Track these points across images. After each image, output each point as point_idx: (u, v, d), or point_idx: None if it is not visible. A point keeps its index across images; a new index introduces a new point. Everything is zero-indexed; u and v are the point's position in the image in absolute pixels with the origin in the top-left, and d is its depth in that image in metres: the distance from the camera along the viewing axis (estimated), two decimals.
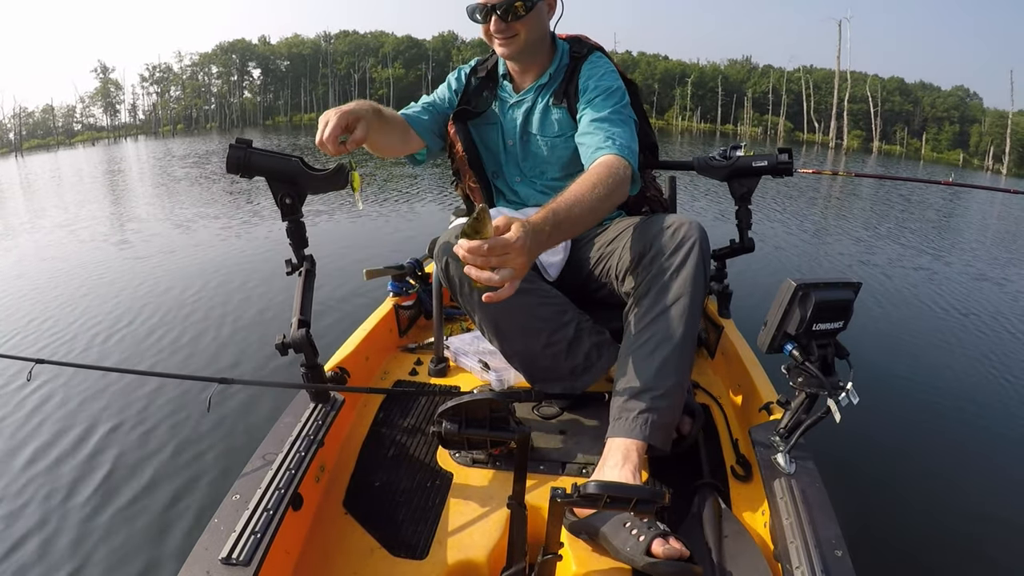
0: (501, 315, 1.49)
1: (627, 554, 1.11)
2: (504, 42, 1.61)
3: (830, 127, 53.35)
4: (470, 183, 1.84)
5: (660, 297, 1.36)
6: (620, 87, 1.65)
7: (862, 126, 56.57)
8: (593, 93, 1.62)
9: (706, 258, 1.39)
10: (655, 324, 1.35)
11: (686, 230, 1.39)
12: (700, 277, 1.36)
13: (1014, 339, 4.10)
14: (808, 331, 1.24)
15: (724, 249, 2.16)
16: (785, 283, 1.25)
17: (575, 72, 1.69)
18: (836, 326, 1.27)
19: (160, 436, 2.54)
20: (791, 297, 1.23)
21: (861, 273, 5.63)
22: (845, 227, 8.20)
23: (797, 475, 1.27)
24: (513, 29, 1.59)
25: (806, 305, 1.22)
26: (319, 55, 69.46)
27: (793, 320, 1.25)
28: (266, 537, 1.07)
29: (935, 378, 3.35)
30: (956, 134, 57.67)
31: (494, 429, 1.31)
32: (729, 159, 2.04)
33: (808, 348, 1.27)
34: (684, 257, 1.36)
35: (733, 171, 2.05)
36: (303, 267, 1.53)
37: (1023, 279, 6.06)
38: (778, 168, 2.00)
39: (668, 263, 1.37)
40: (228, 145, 1.41)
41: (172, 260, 5.53)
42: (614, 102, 1.60)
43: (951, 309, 4.69)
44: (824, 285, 1.24)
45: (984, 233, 9.34)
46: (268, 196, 1.47)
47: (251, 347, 3.45)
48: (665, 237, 1.40)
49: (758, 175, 2.05)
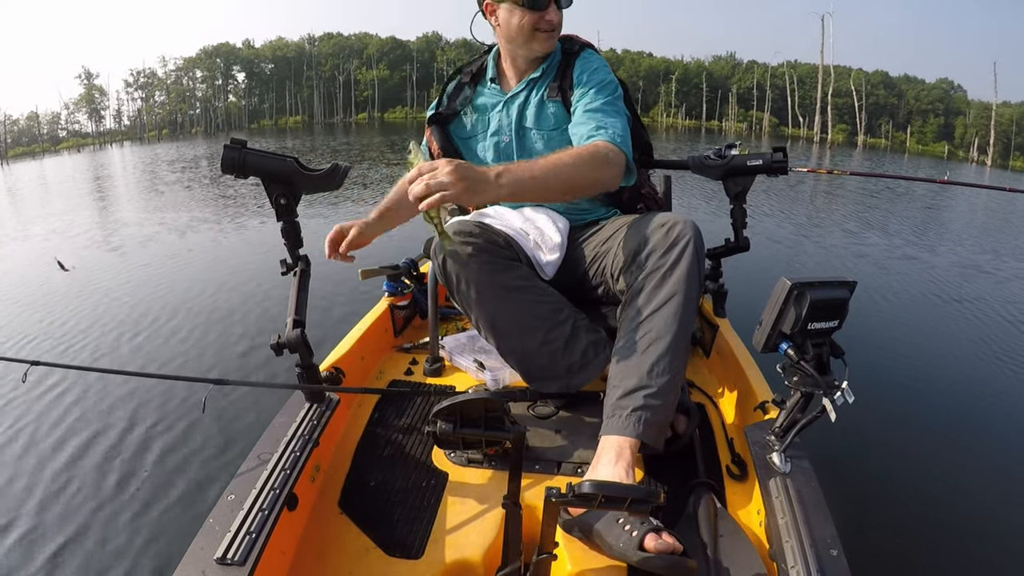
0: (498, 312, 1.49)
1: (620, 550, 1.11)
2: (550, 36, 1.65)
3: (815, 121, 53.80)
4: None
5: (654, 295, 1.36)
6: (614, 81, 1.67)
7: (847, 120, 57.15)
8: (587, 86, 1.63)
9: (700, 256, 1.39)
10: (649, 322, 1.35)
11: (680, 228, 1.39)
12: (695, 275, 1.36)
13: (1009, 336, 4.11)
14: (803, 330, 1.24)
15: (719, 248, 2.16)
16: (780, 282, 1.25)
17: (568, 67, 1.70)
18: (831, 325, 1.27)
19: (155, 436, 2.53)
20: (786, 296, 1.24)
21: (855, 271, 5.65)
22: (838, 224, 8.20)
23: (792, 474, 1.27)
24: (560, 22, 1.63)
25: (801, 304, 1.22)
26: (303, 58, 69.13)
27: (788, 319, 1.25)
28: (261, 537, 1.07)
29: (931, 377, 3.36)
30: (941, 126, 58.20)
31: (489, 429, 1.31)
32: (724, 158, 2.05)
33: (803, 347, 1.27)
34: (678, 255, 1.36)
35: (728, 170, 2.05)
36: (298, 267, 1.53)
37: (1014, 271, 6.09)
38: (773, 167, 2.00)
39: (662, 261, 1.37)
40: (223, 146, 1.40)
41: (167, 263, 5.52)
42: (608, 94, 1.62)
43: (947, 307, 4.71)
44: (819, 284, 1.24)
45: (971, 226, 9.36)
46: (258, 198, 1.47)
47: (246, 347, 3.45)
48: (659, 235, 1.40)
49: (753, 174, 2.05)
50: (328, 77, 68.84)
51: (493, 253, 1.47)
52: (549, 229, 1.66)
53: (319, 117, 66.05)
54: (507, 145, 1.76)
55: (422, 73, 69.71)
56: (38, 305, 4.35)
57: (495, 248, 1.48)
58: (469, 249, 1.44)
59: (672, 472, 1.43)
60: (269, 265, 4.82)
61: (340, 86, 67.80)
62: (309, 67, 68.51)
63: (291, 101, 67.05)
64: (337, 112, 67.65)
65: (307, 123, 61.83)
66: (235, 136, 1.43)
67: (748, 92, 63.71)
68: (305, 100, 67.60)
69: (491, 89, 1.79)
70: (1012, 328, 4.28)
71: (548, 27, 1.61)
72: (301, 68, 68.29)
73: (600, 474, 1.23)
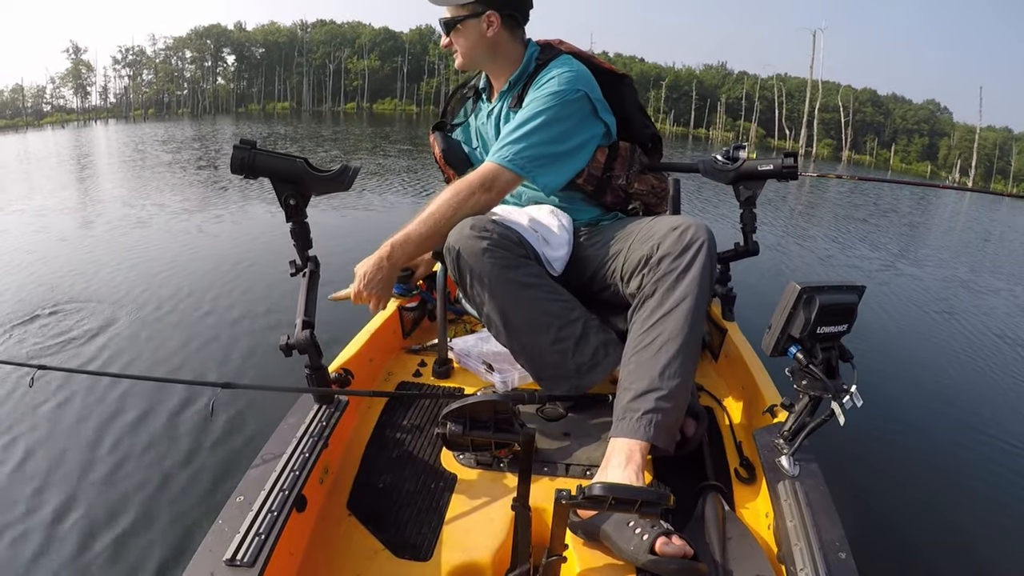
0: (510, 309, 1.49)
1: (631, 552, 1.11)
2: (455, 56, 1.74)
3: (801, 134, 54.14)
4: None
5: (667, 297, 1.37)
6: (561, 91, 1.61)
7: (833, 135, 58.20)
8: (527, 103, 1.65)
9: (713, 260, 1.39)
10: (661, 324, 1.35)
11: (694, 232, 1.39)
12: (707, 279, 1.37)
13: (1017, 337, 4.09)
14: (812, 334, 1.24)
15: (728, 252, 2.16)
16: (789, 286, 1.25)
17: (535, 75, 1.70)
18: (840, 329, 1.27)
19: (164, 438, 2.54)
20: (795, 300, 1.24)
21: (864, 276, 5.63)
22: (844, 230, 8.19)
23: (801, 478, 1.27)
24: (452, 44, 1.71)
25: (810, 308, 1.22)
26: (295, 44, 68.53)
27: (797, 323, 1.25)
28: (270, 539, 1.07)
29: (939, 381, 3.35)
30: (925, 146, 59.94)
31: (498, 431, 1.31)
32: (734, 160, 2.05)
33: (812, 351, 1.27)
34: (691, 259, 1.37)
35: (739, 175, 2.05)
36: (307, 268, 1.53)
37: (1014, 278, 6.07)
38: (783, 172, 2.00)
39: (675, 264, 1.38)
40: (232, 147, 1.41)
41: (172, 264, 5.50)
42: (532, 113, 1.59)
43: (955, 314, 4.69)
44: (828, 288, 1.24)
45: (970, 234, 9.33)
46: (259, 194, 1.48)
47: (256, 349, 3.45)
48: (672, 238, 1.40)
49: (764, 179, 2.05)
50: (319, 65, 68.32)
51: (507, 249, 1.48)
52: (554, 225, 1.67)
53: (307, 104, 65.38)
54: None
55: (413, 66, 69.36)
56: (44, 303, 4.35)
57: (508, 244, 1.49)
58: (484, 244, 1.45)
59: (681, 475, 1.43)
60: (278, 266, 4.82)
61: (330, 74, 67.32)
62: (300, 53, 67.98)
63: (280, 87, 66.64)
64: (326, 100, 67.02)
65: (295, 110, 60.94)
66: (243, 139, 1.43)
67: (737, 102, 64.39)
68: (294, 87, 67.11)
69: (483, 102, 1.87)
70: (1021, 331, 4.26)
71: (447, 49, 1.73)
72: (292, 54, 67.75)
73: (610, 476, 1.23)
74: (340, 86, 67.80)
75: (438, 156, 1.96)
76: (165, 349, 3.48)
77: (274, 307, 4.11)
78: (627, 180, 1.80)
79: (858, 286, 1.28)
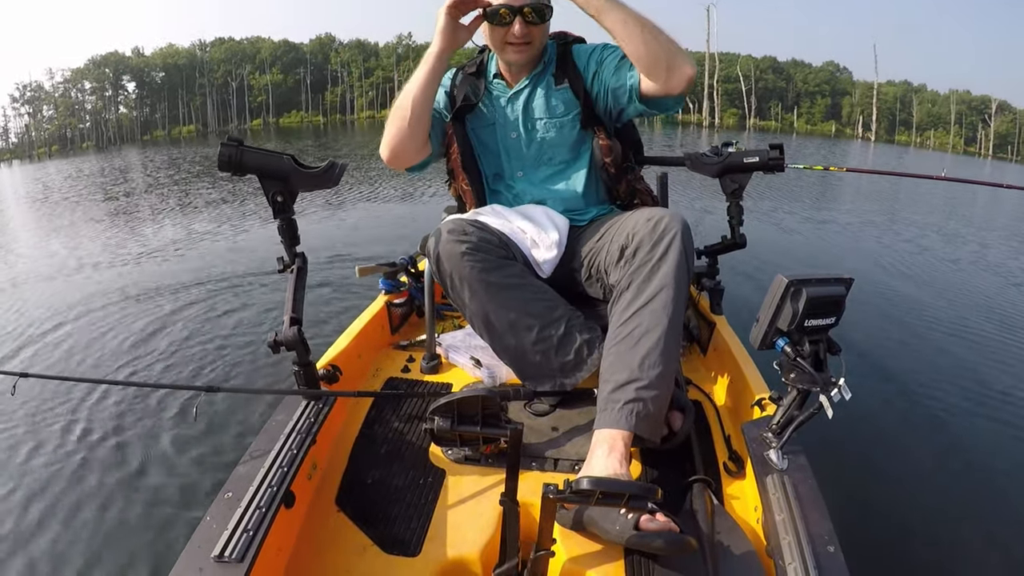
0: (491, 310, 1.49)
1: (616, 532, 1.11)
2: (521, 48, 1.62)
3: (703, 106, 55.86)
4: (463, 184, 1.84)
5: (643, 289, 1.37)
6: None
7: (737, 104, 59.04)
8: (602, 54, 1.65)
9: (688, 249, 1.40)
10: (638, 316, 1.36)
11: (667, 222, 1.40)
12: (683, 268, 1.37)
13: (1008, 330, 4.12)
14: (800, 327, 1.25)
15: (716, 245, 2.16)
16: (777, 279, 1.25)
17: (566, 56, 1.71)
18: (828, 322, 1.27)
19: (151, 437, 2.52)
20: (783, 293, 1.24)
21: (852, 267, 5.65)
22: (835, 219, 8.22)
23: (789, 471, 1.28)
24: (531, 35, 1.59)
25: (798, 301, 1.23)
26: (195, 64, 66.38)
27: (785, 316, 1.25)
28: (258, 535, 1.07)
29: (928, 373, 3.36)
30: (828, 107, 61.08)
31: (486, 426, 1.30)
32: (720, 156, 2.05)
33: (800, 344, 1.28)
34: (665, 249, 1.38)
35: (725, 167, 2.05)
36: (295, 265, 1.52)
37: (1007, 263, 6.13)
38: (769, 164, 2.00)
39: (650, 255, 1.38)
40: (220, 144, 1.40)
41: (152, 267, 5.46)
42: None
43: (944, 302, 4.72)
44: (816, 281, 1.24)
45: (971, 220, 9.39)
46: (240, 197, 1.46)
47: (240, 349, 3.43)
48: (646, 230, 1.41)
49: (750, 171, 2.05)
50: (221, 84, 66.25)
51: (486, 252, 1.48)
52: (547, 227, 1.66)
53: (213, 125, 63.26)
54: (515, 140, 1.76)
55: (316, 76, 67.72)
56: (26, 315, 4.31)
57: (488, 247, 1.49)
58: (463, 248, 1.45)
59: (669, 469, 1.44)
60: (264, 264, 4.80)
61: (234, 92, 65.33)
62: (201, 74, 65.83)
63: (184, 110, 64.30)
64: (231, 119, 65.04)
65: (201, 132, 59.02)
66: (231, 136, 1.42)
67: None
68: (198, 108, 64.84)
69: (497, 87, 1.78)
70: (1010, 324, 4.29)
71: (515, 40, 1.60)
72: (193, 75, 65.45)
73: (594, 467, 1.24)
74: (244, 103, 65.57)
75: (455, 155, 1.80)
76: (152, 354, 3.44)
77: (261, 309, 4.10)
78: (634, 173, 1.82)
79: (846, 278, 1.28)
